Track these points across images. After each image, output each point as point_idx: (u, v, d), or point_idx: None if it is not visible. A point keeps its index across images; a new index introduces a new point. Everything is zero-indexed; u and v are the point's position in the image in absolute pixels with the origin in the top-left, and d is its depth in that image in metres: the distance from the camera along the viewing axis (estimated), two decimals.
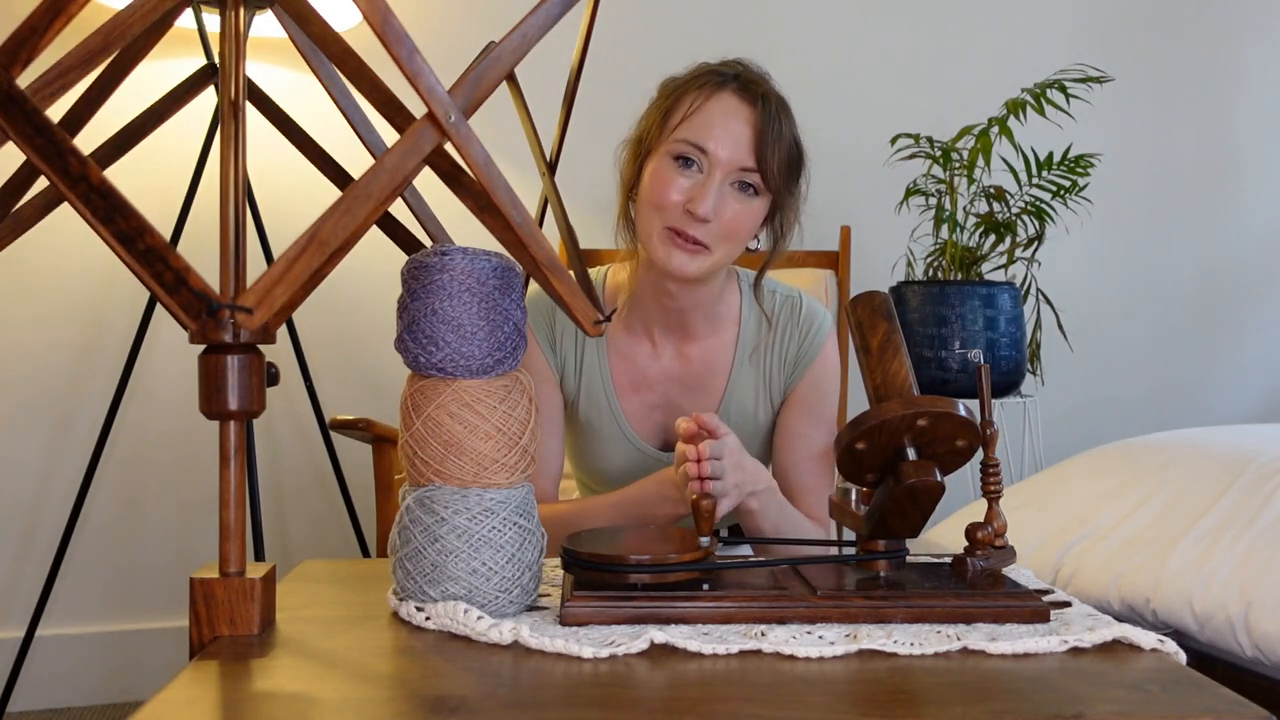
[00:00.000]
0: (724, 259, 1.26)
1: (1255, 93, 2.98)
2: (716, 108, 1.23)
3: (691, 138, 1.22)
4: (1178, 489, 1.58)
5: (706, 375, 1.35)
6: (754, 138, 1.22)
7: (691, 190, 1.22)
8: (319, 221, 0.74)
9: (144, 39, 0.93)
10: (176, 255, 0.70)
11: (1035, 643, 0.77)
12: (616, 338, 1.36)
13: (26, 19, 0.71)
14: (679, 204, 1.22)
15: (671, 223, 1.22)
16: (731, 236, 1.24)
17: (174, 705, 0.66)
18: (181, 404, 2.33)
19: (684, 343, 1.35)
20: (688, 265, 1.23)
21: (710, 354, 1.35)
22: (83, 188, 0.70)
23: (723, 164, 1.22)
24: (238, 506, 0.81)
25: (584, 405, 1.36)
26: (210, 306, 0.70)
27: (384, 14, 0.75)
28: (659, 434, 1.37)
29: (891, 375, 0.89)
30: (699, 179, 1.22)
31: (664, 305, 1.32)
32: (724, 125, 1.22)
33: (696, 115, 1.23)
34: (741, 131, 1.22)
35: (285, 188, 2.22)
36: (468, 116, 0.78)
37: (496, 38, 1.07)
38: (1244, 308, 3.01)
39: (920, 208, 2.36)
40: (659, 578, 0.84)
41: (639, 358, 1.36)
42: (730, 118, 1.23)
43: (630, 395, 1.35)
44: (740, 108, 1.23)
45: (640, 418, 1.36)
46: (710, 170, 1.22)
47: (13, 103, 0.69)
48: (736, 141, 1.22)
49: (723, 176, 1.22)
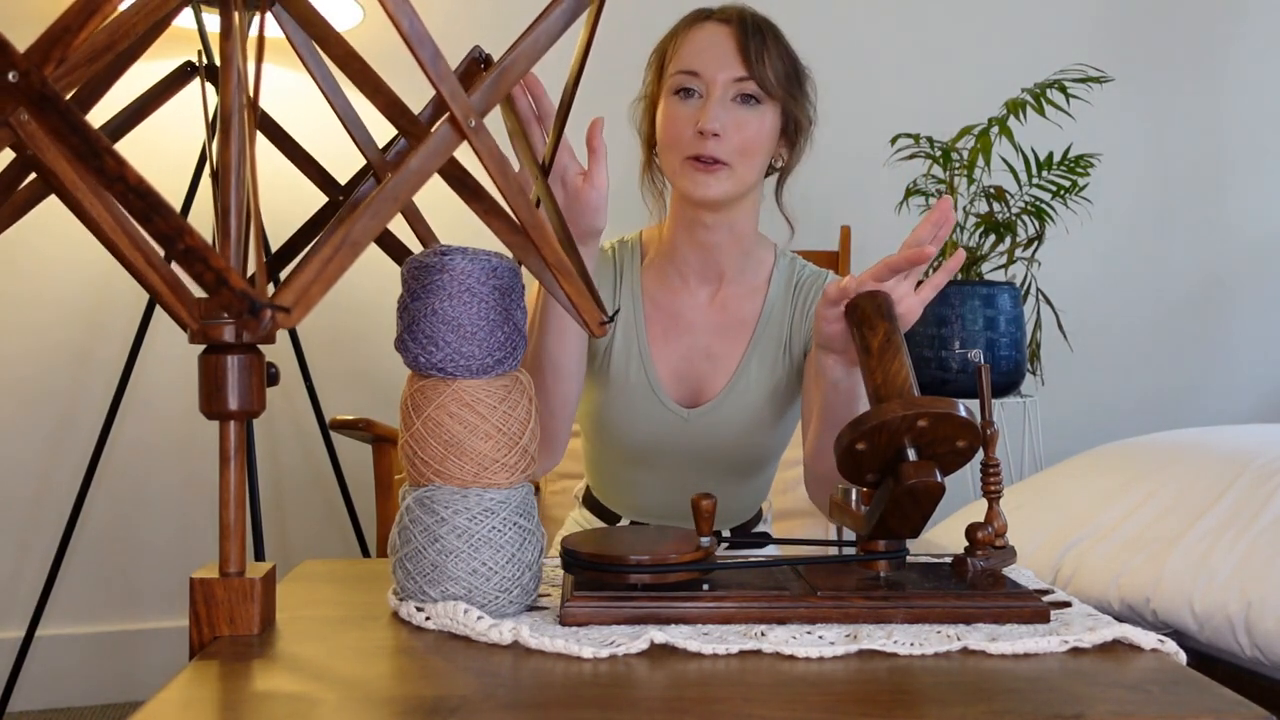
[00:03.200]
0: (748, 175, 1.29)
1: (1255, 93, 2.98)
2: (700, 35, 1.31)
3: (683, 67, 1.29)
4: (1177, 489, 1.58)
5: (737, 323, 1.38)
6: (739, 50, 1.28)
7: (695, 115, 1.27)
8: (350, 222, 0.75)
9: (142, 38, 0.93)
10: (216, 255, 0.70)
11: (1035, 643, 0.77)
12: (652, 287, 1.39)
13: (60, 18, 0.71)
14: (689, 131, 1.27)
15: (687, 151, 1.27)
16: (747, 150, 1.28)
17: (174, 705, 0.66)
18: (181, 405, 2.33)
19: (719, 289, 1.38)
20: (711, 186, 1.26)
21: (744, 301, 1.38)
22: (119, 187, 0.70)
23: (718, 81, 1.27)
24: (238, 506, 0.81)
25: (616, 359, 1.36)
26: (253, 306, 0.69)
27: (409, 17, 0.75)
28: (684, 389, 1.37)
29: (892, 375, 0.89)
30: (700, 103, 1.28)
31: (699, 241, 1.34)
32: (709, 46, 1.29)
33: (683, 48, 1.30)
34: (726, 46, 1.28)
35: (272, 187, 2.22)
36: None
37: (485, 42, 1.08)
38: (1244, 307, 3.01)
39: (920, 208, 2.37)
40: (659, 578, 0.84)
41: (675, 300, 1.38)
42: (714, 39, 1.29)
43: (662, 344, 1.37)
44: (720, 28, 1.30)
45: (669, 369, 1.37)
46: (709, 90, 1.27)
47: (46, 101, 0.69)
48: (724, 58, 1.28)
49: (721, 92, 1.27)
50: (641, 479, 1.41)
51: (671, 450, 1.37)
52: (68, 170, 0.76)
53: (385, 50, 1.53)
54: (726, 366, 1.36)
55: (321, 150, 1.13)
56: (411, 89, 1.13)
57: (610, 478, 1.45)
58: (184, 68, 1.03)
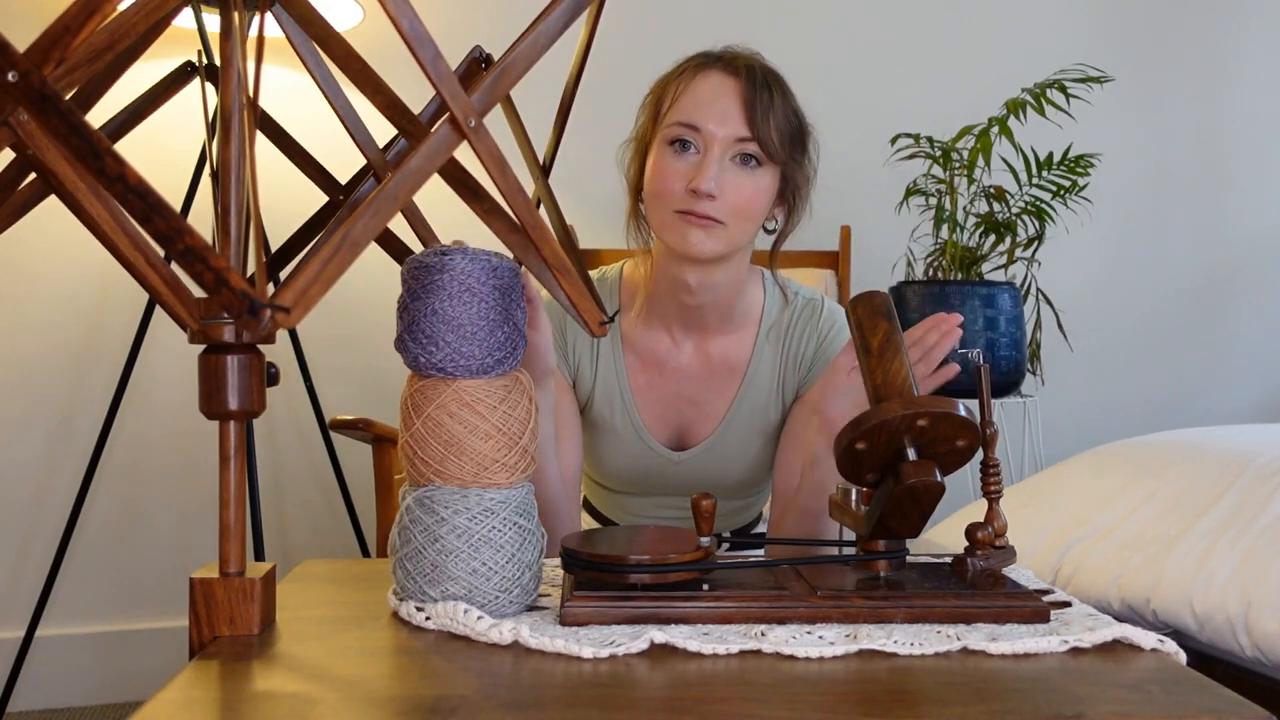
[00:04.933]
0: (739, 237, 1.23)
1: (1255, 92, 2.98)
2: (703, 86, 1.22)
3: (682, 119, 1.21)
4: (1178, 489, 1.58)
5: (724, 371, 1.34)
6: (744, 108, 1.20)
7: (690, 171, 1.20)
8: (350, 222, 0.74)
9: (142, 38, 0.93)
10: (216, 255, 0.70)
11: (1035, 643, 0.77)
12: (634, 335, 1.34)
13: (60, 18, 0.70)
14: (681, 188, 1.20)
15: (678, 206, 1.20)
16: (742, 212, 1.21)
17: (174, 705, 0.66)
18: (181, 404, 2.33)
19: (704, 339, 1.33)
20: (704, 242, 1.20)
21: (730, 350, 1.33)
22: (119, 187, 0.70)
23: (718, 138, 1.20)
24: (238, 506, 0.81)
25: (598, 405, 1.35)
26: (253, 306, 0.69)
27: (409, 17, 0.75)
28: (671, 433, 1.37)
29: (892, 375, 0.89)
30: (696, 159, 1.20)
31: (681, 303, 1.29)
32: (712, 101, 1.21)
33: (684, 97, 1.22)
34: (731, 103, 1.20)
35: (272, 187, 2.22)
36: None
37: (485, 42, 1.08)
38: (1244, 307, 3.01)
39: (920, 208, 2.36)
40: (659, 578, 0.84)
41: (659, 350, 1.34)
42: (718, 92, 1.21)
43: (646, 392, 1.34)
44: (726, 81, 1.22)
45: (654, 415, 1.35)
46: (707, 147, 1.20)
47: (46, 101, 0.69)
48: (727, 113, 1.20)
49: (720, 151, 1.20)
50: (636, 501, 1.42)
51: (664, 483, 1.37)
52: (68, 170, 0.76)
53: (385, 50, 1.53)
54: (715, 412, 1.33)
55: (321, 150, 1.13)
56: (411, 89, 1.13)
57: (605, 495, 1.45)
58: (184, 68, 1.03)
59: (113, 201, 0.76)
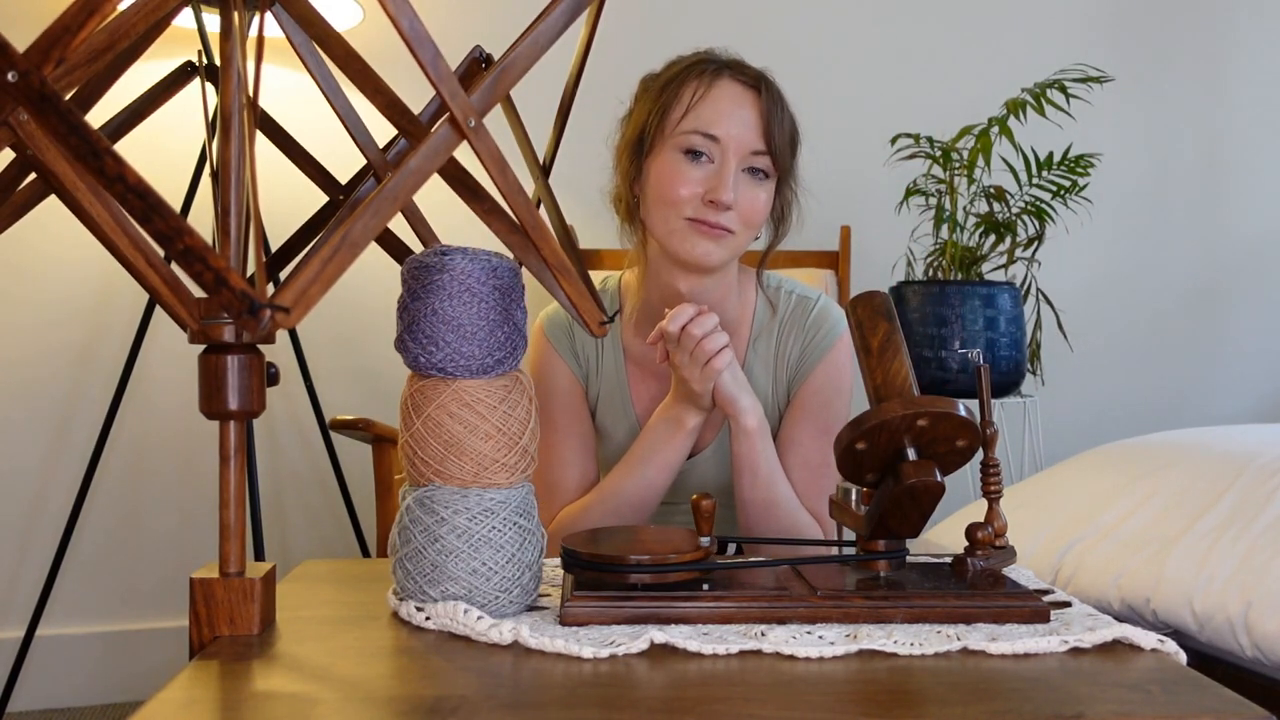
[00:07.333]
0: (742, 245, 1.26)
1: (1255, 92, 2.98)
2: (722, 95, 1.23)
3: (701, 127, 1.22)
4: (1178, 489, 1.58)
5: None
6: (761, 121, 1.23)
7: (706, 180, 1.21)
8: (350, 222, 0.74)
9: (142, 38, 0.93)
10: (216, 255, 0.70)
11: (1035, 643, 0.77)
12: (632, 345, 1.36)
13: (59, 18, 0.70)
14: (695, 196, 1.21)
15: (691, 215, 1.22)
16: (750, 222, 1.24)
17: (174, 705, 0.66)
18: (181, 405, 2.33)
19: None
20: (714, 252, 1.23)
21: None
22: (119, 187, 0.70)
23: (736, 150, 1.21)
24: (238, 506, 0.81)
25: (601, 410, 1.37)
26: (253, 306, 0.69)
27: (409, 17, 0.75)
28: None
29: (892, 375, 0.89)
30: (711, 168, 1.22)
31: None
32: (731, 112, 1.22)
33: (702, 105, 1.22)
34: (749, 116, 1.22)
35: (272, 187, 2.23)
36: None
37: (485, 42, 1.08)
38: (1244, 307, 3.01)
39: (920, 208, 2.36)
40: (659, 578, 0.84)
41: (655, 358, 1.33)
42: (736, 103, 1.23)
43: (647, 402, 1.36)
44: (744, 93, 1.24)
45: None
46: (724, 157, 1.22)
47: (46, 102, 0.69)
48: (746, 126, 1.22)
49: (737, 162, 1.22)
50: None
51: (669, 490, 1.37)
52: (68, 170, 0.76)
53: (385, 50, 1.53)
54: (713, 419, 1.33)
55: (321, 150, 1.13)
56: (411, 89, 1.13)
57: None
58: (184, 68, 1.03)
59: (112, 201, 0.76)
